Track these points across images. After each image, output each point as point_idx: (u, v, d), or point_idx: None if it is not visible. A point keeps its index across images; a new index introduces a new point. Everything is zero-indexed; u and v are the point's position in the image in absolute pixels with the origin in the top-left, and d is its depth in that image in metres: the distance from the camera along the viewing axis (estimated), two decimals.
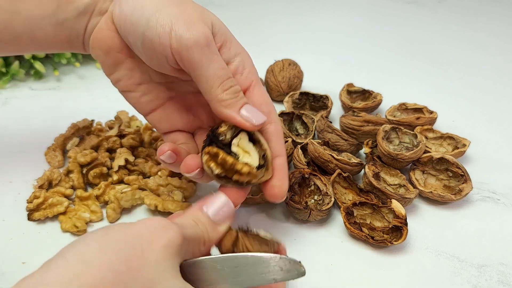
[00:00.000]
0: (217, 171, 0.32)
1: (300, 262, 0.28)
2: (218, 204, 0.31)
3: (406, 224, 0.40)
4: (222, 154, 0.32)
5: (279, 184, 0.34)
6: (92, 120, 0.52)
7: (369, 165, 0.46)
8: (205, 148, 0.33)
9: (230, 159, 0.32)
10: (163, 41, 0.32)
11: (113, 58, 0.37)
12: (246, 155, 0.33)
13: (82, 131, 0.51)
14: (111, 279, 0.22)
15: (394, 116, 0.55)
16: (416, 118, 0.53)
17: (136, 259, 0.24)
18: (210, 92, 0.33)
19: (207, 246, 0.29)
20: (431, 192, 0.45)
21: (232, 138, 0.34)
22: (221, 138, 0.33)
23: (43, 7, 0.36)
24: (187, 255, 0.27)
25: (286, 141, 0.48)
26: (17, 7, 0.36)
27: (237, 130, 0.34)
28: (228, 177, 0.33)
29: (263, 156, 0.34)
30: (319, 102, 0.57)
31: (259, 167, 0.33)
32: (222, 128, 0.34)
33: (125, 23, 0.35)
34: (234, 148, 0.34)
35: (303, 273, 0.28)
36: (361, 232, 0.41)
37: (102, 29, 0.37)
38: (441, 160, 0.47)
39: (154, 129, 0.52)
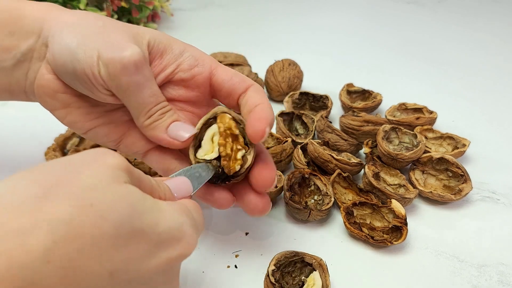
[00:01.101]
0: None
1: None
2: (179, 181, 0.31)
3: (406, 224, 0.41)
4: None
5: (257, 123, 0.32)
6: None
7: (369, 165, 0.46)
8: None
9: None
10: (93, 71, 0.32)
11: (61, 101, 0.36)
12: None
13: None
14: (36, 192, 0.21)
15: (394, 116, 0.55)
16: (416, 118, 0.53)
17: (68, 174, 0.22)
18: (137, 119, 0.34)
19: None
20: (431, 192, 0.45)
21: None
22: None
23: None
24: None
25: (286, 141, 0.48)
26: None
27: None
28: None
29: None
30: (319, 102, 0.57)
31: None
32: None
33: (56, 64, 0.34)
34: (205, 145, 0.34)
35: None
36: (361, 232, 0.41)
37: (43, 74, 0.35)
38: (441, 160, 0.47)
39: None
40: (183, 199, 0.30)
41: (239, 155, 0.33)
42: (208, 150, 0.34)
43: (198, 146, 0.34)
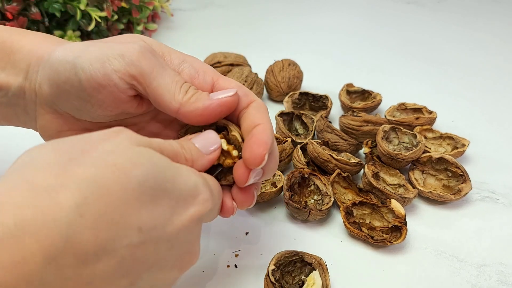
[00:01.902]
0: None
1: None
2: (206, 136, 0.30)
3: (405, 224, 0.41)
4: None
5: (255, 148, 0.29)
6: None
7: (369, 165, 0.46)
8: None
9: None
10: (106, 71, 0.29)
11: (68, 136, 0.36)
12: None
13: None
14: (62, 159, 0.22)
15: (394, 116, 0.55)
16: (415, 118, 0.53)
17: (88, 144, 0.23)
18: (174, 99, 0.30)
19: (189, 164, 0.28)
20: (431, 192, 0.45)
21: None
22: None
23: None
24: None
25: (286, 141, 0.48)
26: None
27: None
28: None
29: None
30: (318, 102, 0.57)
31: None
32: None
33: (58, 90, 0.31)
34: None
35: None
36: (360, 232, 0.41)
37: (42, 114, 0.34)
38: (441, 160, 0.47)
39: None
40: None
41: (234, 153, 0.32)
42: None
43: None
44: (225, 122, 0.32)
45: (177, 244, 0.26)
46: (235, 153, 0.31)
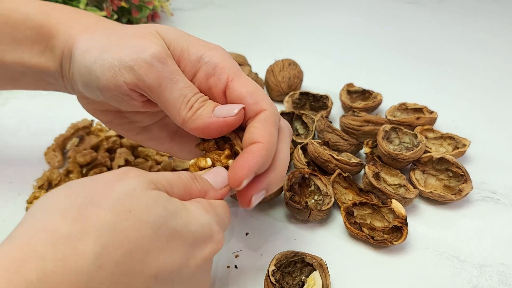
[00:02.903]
0: None
1: None
2: (217, 173, 0.31)
3: (406, 224, 0.40)
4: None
5: (234, 171, 0.28)
6: (92, 120, 0.52)
7: (369, 165, 0.46)
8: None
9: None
10: (118, 82, 0.30)
11: (103, 118, 0.38)
12: None
13: (82, 131, 0.51)
14: (80, 203, 0.22)
15: (394, 116, 0.55)
16: (416, 118, 0.53)
17: (102, 188, 0.24)
18: (178, 115, 0.31)
19: (202, 195, 0.29)
20: (431, 192, 0.45)
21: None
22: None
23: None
24: (170, 192, 0.27)
25: None
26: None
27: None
28: None
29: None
30: (319, 102, 0.57)
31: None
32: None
33: (81, 86, 0.34)
34: None
35: None
36: (361, 232, 0.41)
37: (77, 96, 0.37)
38: (441, 160, 0.47)
39: None
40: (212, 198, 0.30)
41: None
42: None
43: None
44: (229, 135, 0.32)
45: (192, 283, 0.26)
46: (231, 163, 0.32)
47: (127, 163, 0.47)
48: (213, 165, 0.33)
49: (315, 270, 0.36)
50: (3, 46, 0.36)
